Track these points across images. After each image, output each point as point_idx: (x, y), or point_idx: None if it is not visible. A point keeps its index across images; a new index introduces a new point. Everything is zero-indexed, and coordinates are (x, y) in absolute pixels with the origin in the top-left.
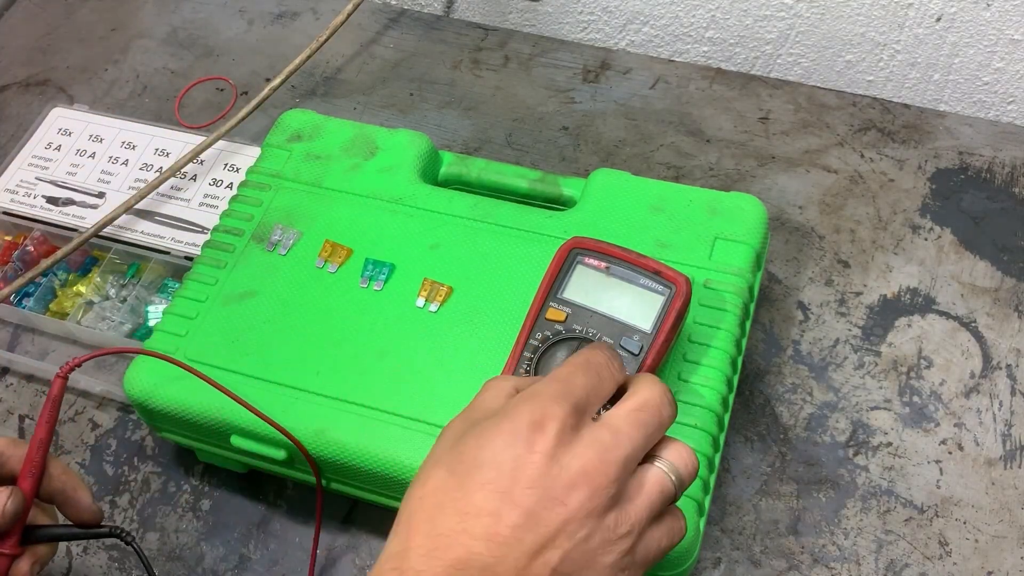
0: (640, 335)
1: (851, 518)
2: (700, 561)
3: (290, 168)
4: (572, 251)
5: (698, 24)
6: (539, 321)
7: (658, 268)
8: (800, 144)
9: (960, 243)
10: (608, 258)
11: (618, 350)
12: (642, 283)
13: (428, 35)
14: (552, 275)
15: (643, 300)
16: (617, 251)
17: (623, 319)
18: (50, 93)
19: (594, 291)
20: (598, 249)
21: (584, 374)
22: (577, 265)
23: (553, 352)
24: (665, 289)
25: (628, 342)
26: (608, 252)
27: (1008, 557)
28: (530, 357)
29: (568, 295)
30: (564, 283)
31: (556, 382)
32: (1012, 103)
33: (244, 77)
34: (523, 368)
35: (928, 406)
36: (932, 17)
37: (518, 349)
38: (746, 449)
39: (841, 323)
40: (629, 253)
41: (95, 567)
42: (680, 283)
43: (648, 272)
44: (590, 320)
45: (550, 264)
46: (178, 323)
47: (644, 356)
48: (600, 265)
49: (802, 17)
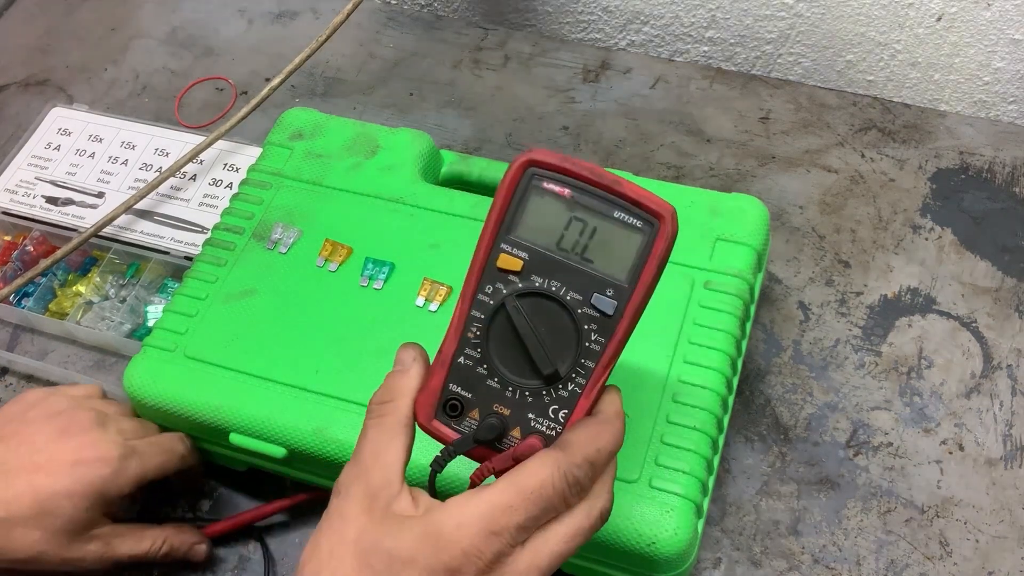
0: (614, 289)
1: (852, 518)
2: (700, 561)
3: (291, 167)
4: (527, 171)
5: (698, 24)
6: (488, 270)
7: (638, 197)
8: (800, 144)
9: (961, 243)
10: (572, 182)
11: (587, 309)
12: (617, 217)
13: (428, 35)
14: (502, 206)
15: (617, 240)
16: (584, 172)
17: (593, 268)
18: (50, 93)
19: (555, 227)
20: (560, 168)
21: (525, 510)
22: (533, 192)
23: (506, 325)
24: (646, 225)
25: (600, 300)
26: (572, 173)
27: (1009, 557)
28: (479, 323)
29: (524, 234)
30: (518, 217)
31: (487, 522)
32: (1013, 103)
33: (244, 77)
34: (471, 333)
35: (929, 406)
36: (933, 17)
37: (464, 307)
38: (746, 449)
39: (842, 323)
40: (601, 175)
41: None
42: (666, 217)
43: (625, 202)
44: (553, 270)
45: (498, 189)
46: (178, 321)
47: (618, 319)
48: (562, 192)
49: (802, 17)
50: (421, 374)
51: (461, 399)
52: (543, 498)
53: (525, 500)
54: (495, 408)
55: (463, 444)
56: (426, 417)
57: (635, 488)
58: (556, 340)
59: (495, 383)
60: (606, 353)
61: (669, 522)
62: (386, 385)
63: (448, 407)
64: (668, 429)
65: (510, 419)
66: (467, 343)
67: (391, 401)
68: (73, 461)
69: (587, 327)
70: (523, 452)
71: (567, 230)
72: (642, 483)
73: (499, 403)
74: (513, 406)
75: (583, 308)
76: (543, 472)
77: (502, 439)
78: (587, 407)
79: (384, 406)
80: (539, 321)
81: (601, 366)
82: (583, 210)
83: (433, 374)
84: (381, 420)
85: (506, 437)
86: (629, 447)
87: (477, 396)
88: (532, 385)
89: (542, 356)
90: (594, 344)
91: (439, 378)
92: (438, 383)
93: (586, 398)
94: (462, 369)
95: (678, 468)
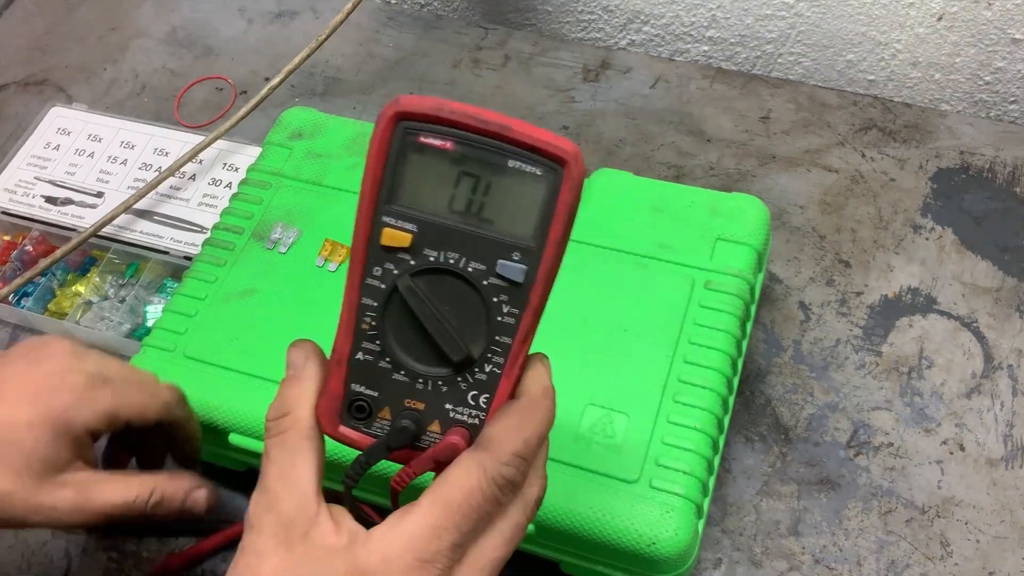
0: (521, 252)
1: (852, 519)
2: (700, 562)
3: (291, 166)
4: (398, 125)
5: (699, 23)
6: (372, 250)
7: (533, 140)
8: (801, 144)
9: (961, 243)
10: (454, 132)
11: (493, 280)
12: (512, 167)
13: (428, 34)
14: (375, 172)
15: (517, 194)
16: (466, 119)
17: (493, 231)
18: (49, 92)
19: (443, 188)
20: (436, 118)
21: (456, 527)
22: (409, 149)
23: (403, 309)
24: (547, 172)
25: (506, 267)
26: (452, 121)
27: (1010, 558)
28: (373, 312)
29: (407, 202)
30: (397, 182)
31: (416, 550)
32: (1014, 102)
33: (243, 76)
34: (365, 324)
35: (929, 406)
36: (933, 16)
37: (352, 297)
38: (747, 449)
39: (842, 323)
40: (487, 120)
41: (94, 567)
42: (569, 159)
43: (519, 148)
44: (448, 240)
45: (368, 152)
46: (177, 321)
47: (530, 286)
48: (444, 145)
49: (803, 16)
50: (318, 376)
51: (367, 399)
52: (473, 509)
53: (454, 516)
54: (407, 404)
55: (376, 453)
56: (331, 424)
57: (635, 488)
58: (463, 319)
59: (402, 376)
60: (522, 326)
61: (669, 522)
62: (280, 395)
63: (355, 409)
64: (668, 429)
65: (426, 413)
66: (363, 336)
67: (288, 414)
68: (36, 390)
69: (496, 299)
70: (443, 453)
71: (457, 189)
72: (642, 483)
73: (411, 398)
74: (427, 399)
75: (489, 279)
76: (469, 481)
77: (420, 437)
78: (510, 387)
79: (282, 421)
80: (440, 300)
81: (518, 341)
82: (472, 163)
83: (331, 375)
84: (282, 438)
85: (425, 434)
86: (630, 447)
87: (385, 393)
88: (444, 373)
89: (449, 340)
90: (507, 317)
91: (338, 379)
92: (338, 385)
93: (507, 378)
94: (363, 366)
95: (678, 468)
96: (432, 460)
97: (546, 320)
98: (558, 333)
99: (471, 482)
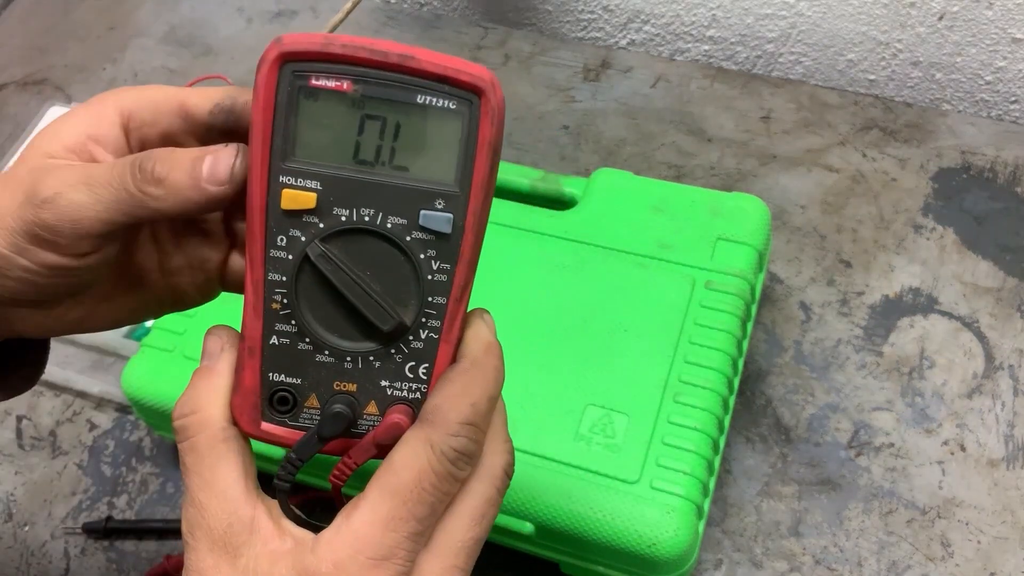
0: (444, 199)
1: (853, 519)
2: (701, 563)
3: None
4: (283, 68)
5: (699, 23)
6: (272, 217)
7: (441, 70)
8: (802, 143)
9: (962, 243)
10: (350, 69)
11: (417, 234)
12: (421, 102)
13: (427, 33)
14: (264, 125)
15: (431, 132)
16: (362, 53)
17: (410, 179)
18: (48, 92)
19: (345, 136)
20: (327, 55)
21: (410, 514)
22: (301, 95)
23: (318, 280)
24: (462, 105)
25: (430, 218)
26: (345, 57)
27: (1011, 558)
28: (282, 288)
29: (306, 156)
30: (291, 135)
31: (370, 548)
32: (1015, 102)
33: (243, 76)
34: (275, 303)
35: (930, 407)
36: (934, 16)
37: (256, 274)
38: (747, 450)
39: (843, 323)
40: (385, 52)
41: (93, 568)
42: (485, 87)
43: (427, 80)
44: (359, 194)
45: (254, 103)
46: (177, 320)
47: (460, 235)
48: (340, 86)
49: (804, 16)
50: (234, 367)
51: (289, 388)
52: (427, 492)
53: (406, 503)
54: (337, 387)
55: (308, 447)
56: (250, 422)
57: (636, 489)
58: (388, 284)
59: (327, 357)
60: (456, 281)
61: (670, 523)
62: (189, 389)
63: (276, 401)
64: (669, 430)
65: (360, 395)
66: (274, 317)
67: (195, 412)
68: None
69: (423, 256)
70: (385, 435)
71: (362, 136)
72: (643, 484)
73: (340, 380)
74: (359, 378)
75: (412, 233)
76: (417, 461)
77: (356, 422)
78: (450, 352)
79: (188, 422)
80: (360, 265)
81: (454, 299)
82: (376, 104)
83: (245, 367)
84: (191, 443)
85: (362, 419)
86: (630, 447)
87: (309, 379)
88: (374, 347)
89: (376, 308)
90: (438, 274)
91: (253, 370)
92: (254, 377)
93: (446, 343)
94: (279, 351)
95: (679, 469)
96: (374, 445)
97: (546, 320)
98: (558, 333)
99: (420, 462)
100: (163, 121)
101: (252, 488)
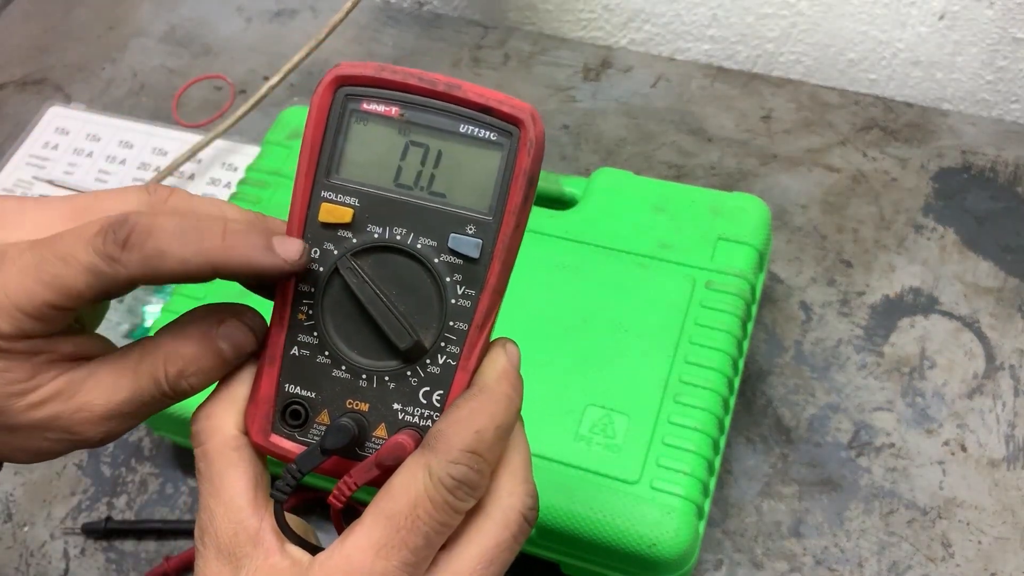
0: (476, 225)
1: (853, 520)
2: (701, 563)
3: (290, 166)
4: (338, 91)
5: (699, 22)
6: (310, 229)
7: (485, 101)
8: (802, 143)
9: (963, 243)
10: (400, 96)
11: (446, 257)
12: (464, 132)
13: (427, 33)
14: (314, 142)
15: (470, 162)
16: (412, 80)
17: (445, 203)
18: (47, 92)
19: (389, 159)
20: (380, 81)
21: (404, 543)
22: (352, 118)
23: (344, 294)
24: (502, 137)
25: (460, 242)
26: (397, 84)
27: (1011, 559)
28: (309, 299)
29: (349, 175)
30: (337, 153)
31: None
32: (1016, 102)
33: (242, 75)
34: (302, 313)
35: (931, 407)
36: (935, 15)
37: (286, 284)
38: (748, 450)
39: (844, 323)
40: (434, 81)
41: (93, 569)
42: (525, 120)
43: (470, 111)
44: (394, 214)
45: (307, 122)
46: None
47: (487, 262)
48: (389, 111)
49: (804, 15)
50: (252, 375)
51: (303, 401)
52: (421, 520)
53: (399, 531)
54: (349, 405)
55: (309, 460)
56: (260, 432)
57: (636, 489)
58: (413, 303)
59: (343, 372)
60: (479, 309)
61: (670, 524)
62: (210, 396)
63: (289, 414)
64: (669, 430)
65: (370, 415)
66: (299, 327)
67: (211, 418)
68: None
69: (450, 279)
70: (388, 456)
71: (404, 160)
72: (643, 484)
73: (353, 398)
74: (371, 398)
75: (441, 256)
76: (412, 486)
77: (363, 443)
78: (467, 381)
79: (203, 425)
80: (386, 282)
81: (475, 326)
82: (420, 131)
83: (262, 375)
84: (203, 450)
85: (369, 440)
86: (630, 448)
87: (323, 394)
88: (391, 366)
89: (395, 326)
90: (462, 300)
91: (270, 379)
92: (270, 387)
93: (463, 370)
94: (298, 362)
95: (679, 469)
96: (375, 465)
97: (547, 320)
98: (558, 333)
99: (416, 487)
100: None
101: (261, 498)
